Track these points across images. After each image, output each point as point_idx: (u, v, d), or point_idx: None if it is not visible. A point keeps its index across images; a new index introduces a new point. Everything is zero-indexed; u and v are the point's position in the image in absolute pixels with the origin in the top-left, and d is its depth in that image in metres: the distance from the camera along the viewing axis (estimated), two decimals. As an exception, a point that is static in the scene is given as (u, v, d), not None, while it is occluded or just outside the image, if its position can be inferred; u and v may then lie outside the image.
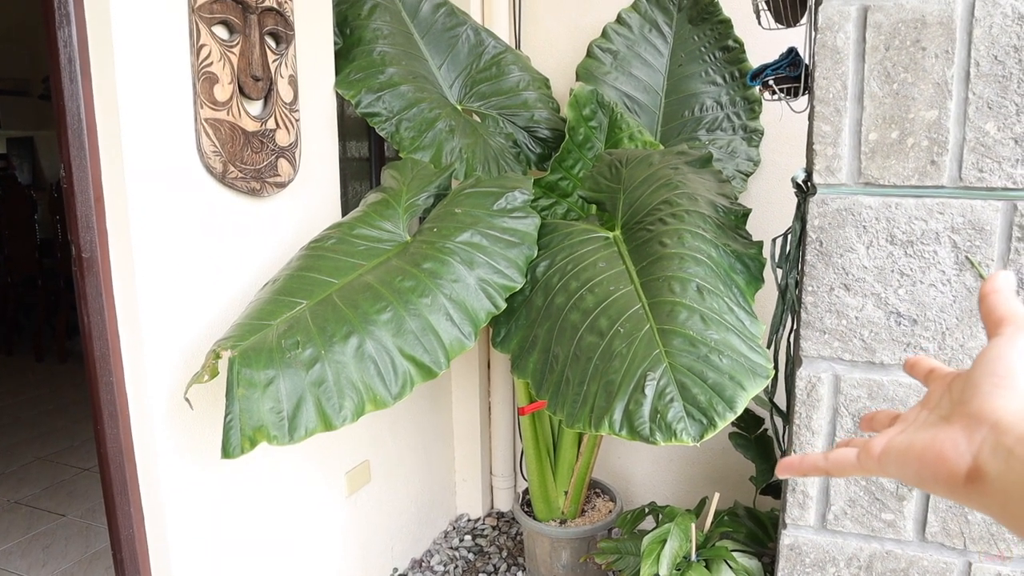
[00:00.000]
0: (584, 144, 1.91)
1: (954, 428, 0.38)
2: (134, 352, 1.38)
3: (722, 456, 2.37)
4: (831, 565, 1.27)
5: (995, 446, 0.35)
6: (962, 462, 0.37)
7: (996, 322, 0.42)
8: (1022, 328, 0.40)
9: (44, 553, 2.43)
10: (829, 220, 1.17)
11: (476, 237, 1.45)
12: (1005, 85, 1.06)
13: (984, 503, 0.36)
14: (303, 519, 1.82)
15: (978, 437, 0.36)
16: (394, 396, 1.26)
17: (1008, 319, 0.41)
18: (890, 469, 0.41)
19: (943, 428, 0.39)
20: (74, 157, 1.30)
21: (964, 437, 0.37)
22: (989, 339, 0.41)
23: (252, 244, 1.59)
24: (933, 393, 0.44)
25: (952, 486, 0.37)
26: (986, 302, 0.43)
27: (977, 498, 0.36)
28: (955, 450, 0.37)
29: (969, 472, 0.36)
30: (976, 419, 0.37)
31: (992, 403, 0.37)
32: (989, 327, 0.42)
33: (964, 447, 0.37)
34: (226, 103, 1.47)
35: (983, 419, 0.37)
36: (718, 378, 1.17)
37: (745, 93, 2.10)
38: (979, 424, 0.37)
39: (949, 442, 0.37)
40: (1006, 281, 0.44)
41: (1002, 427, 0.36)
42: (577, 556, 2.08)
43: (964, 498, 0.37)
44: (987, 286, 0.44)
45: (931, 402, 0.43)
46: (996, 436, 0.36)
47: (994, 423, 0.36)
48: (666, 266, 1.32)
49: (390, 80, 1.81)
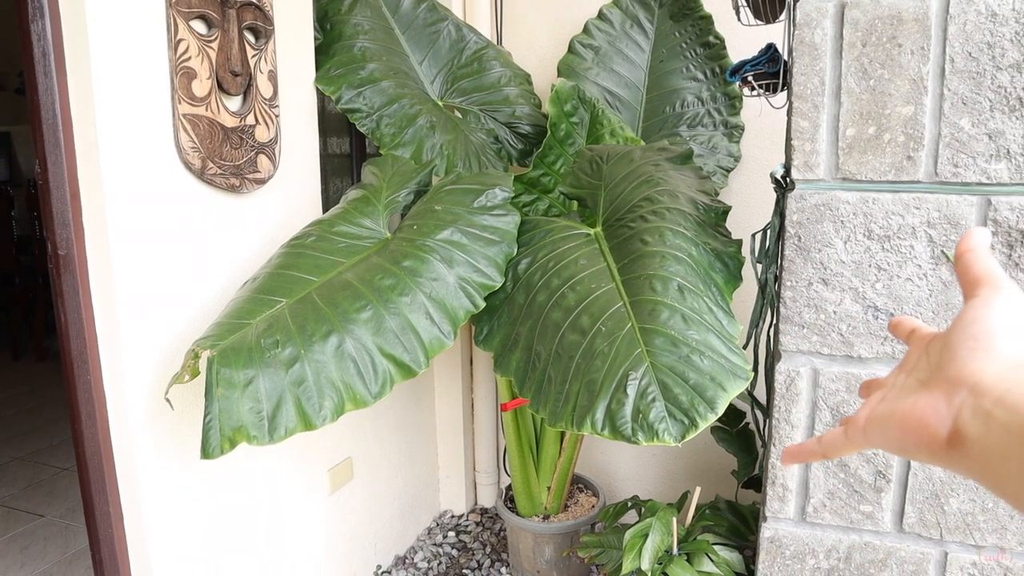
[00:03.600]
0: (565, 140, 1.91)
1: (933, 393, 0.38)
2: (112, 351, 1.37)
3: (704, 451, 2.38)
4: (811, 557, 1.28)
5: (974, 409, 0.35)
6: (942, 427, 0.36)
7: (972, 282, 0.41)
8: (998, 288, 0.40)
9: (22, 554, 2.41)
10: (807, 215, 1.18)
11: (456, 235, 1.45)
12: (979, 81, 1.07)
13: (966, 466, 0.36)
14: (285, 517, 1.81)
15: (957, 401, 0.36)
16: (374, 395, 1.26)
17: (983, 279, 0.41)
18: (875, 439, 0.41)
19: (923, 394, 0.39)
20: (49, 153, 1.29)
21: (944, 401, 0.37)
22: (965, 300, 0.41)
23: (232, 241, 1.58)
24: (911, 355, 0.44)
25: (934, 451, 0.37)
26: (961, 261, 0.42)
27: (960, 461, 0.36)
28: (935, 415, 0.37)
29: (950, 436, 0.36)
30: (955, 383, 0.37)
31: (970, 366, 0.37)
32: (965, 287, 0.42)
33: (944, 411, 0.37)
34: (205, 99, 1.45)
35: (961, 382, 0.37)
36: (699, 379, 1.17)
37: (726, 89, 2.11)
38: (958, 388, 0.37)
39: (929, 408, 0.37)
40: (981, 239, 0.43)
41: (980, 389, 0.36)
42: (560, 551, 2.09)
43: (946, 462, 0.37)
44: (962, 244, 0.43)
45: (909, 364, 0.43)
46: (975, 399, 0.36)
47: (972, 385, 0.36)
48: (647, 264, 1.32)
49: (371, 76, 1.80)
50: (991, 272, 0.41)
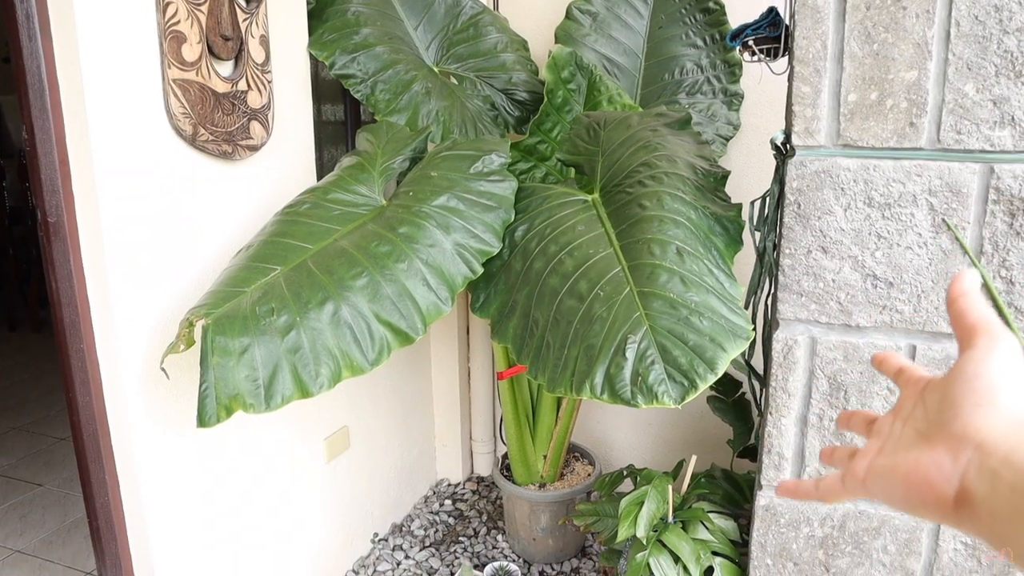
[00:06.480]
0: (563, 107, 1.88)
1: (937, 450, 0.37)
2: (104, 319, 1.35)
3: (700, 420, 2.39)
4: (805, 525, 1.29)
5: (980, 468, 0.35)
6: (949, 487, 0.36)
7: (967, 330, 0.41)
8: (995, 339, 0.39)
9: (22, 522, 2.42)
10: (807, 182, 1.17)
11: (452, 201, 1.43)
12: (985, 46, 1.05)
13: (974, 527, 0.35)
14: (282, 485, 1.82)
15: (963, 459, 0.36)
16: (371, 362, 1.25)
17: (979, 329, 0.40)
18: (876, 492, 0.40)
19: (925, 450, 0.38)
20: (36, 118, 1.26)
21: (949, 459, 0.36)
22: (961, 349, 0.40)
23: (225, 209, 1.56)
24: (905, 401, 0.43)
25: (941, 511, 0.36)
26: (955, 306, 0.42)
27: (967, 521, 0.35)
28: (941, 474, 0.36)
29: (957, 496, 0.36)
30: (960, 440, 0.36)
31: (975, 423, 0.36)
32: (960, 335, 0.41)
33: (950, 470, 0.36)
34: (195, 63, 1.43)
35: (967, 440, 0.36)
36: (699, 340, 1.17)
37: (725, 56, 2.08)
38: (963, 445, 0.36)
39: (934, 466, 0.37)
40: (972, 283, 0.42)
41: (987, 448, 0.35)
42: (556, 519, 2.10)
43: (954, 521, 0.36)
44: (955, 288, 0.42)
45: (904, 411, 0.42)
46: (981, 457, 0.35)
47: (979, 444, 0.36)
48: (646, 229, 1.31)
49: (365, 41, 1.77)
50: (986, 321, 0.40)
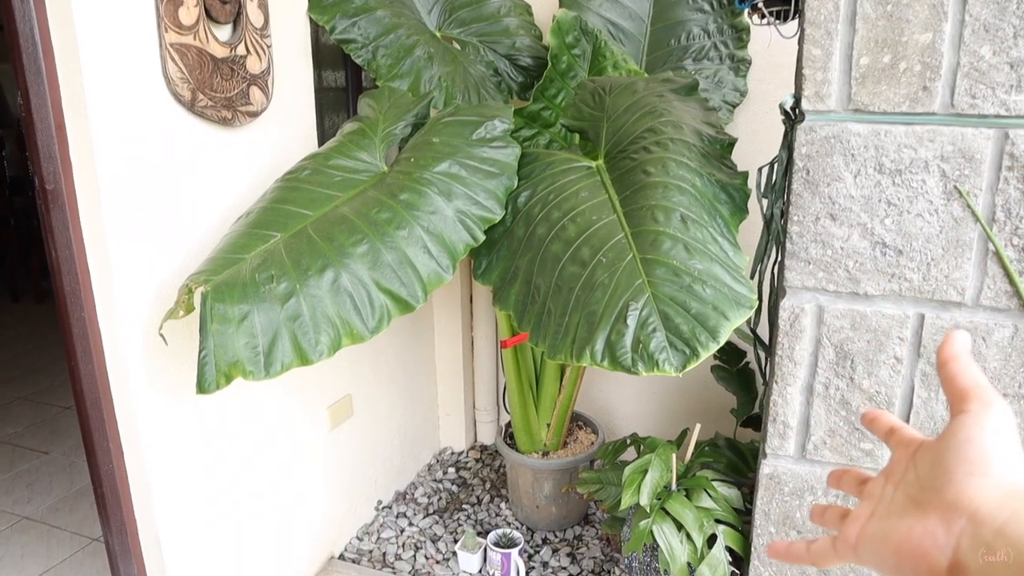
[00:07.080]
0: (567, 73, 1.85)
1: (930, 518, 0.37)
2: (104, 286, 1.34)
3: (704, 389, 2.39)
4: (809, 494, 1.29)
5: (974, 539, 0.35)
6: (942, 557, 0.36)
7: (959, 395, 0.40)
8: (988, 405, 0.39)
9: (28, 490, 2.44)
10: (817, 148, 1.14)
11: (454, 167, 1.41)
12: (1004, 6, 1.02)
13: None
14: (285, 452, 1.82)
15: (956, 529, 0.36)
16: (371, 330, 1.24)
17: (971, 393, 0.40)
18: (867, 559, 0.40)
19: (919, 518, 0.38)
20: (31, 83, 1.24)
21: (942, 529, 0.36)
22: (953, 413, 0.40)
23: (225, 175, 1.54)
24: (896, 464, 0.43)
25: None
26: (945, 369, 0.41)
27: None
28: (934, 544, 0.36)
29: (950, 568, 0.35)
30: (952, 509, 0.36)
31: (968, 492, 0.36)
32: (952, 399, 0.41)
33: (943, 540, 0.36)
34: (192, 27, 1.40)
35: (960, 509, 0.36)
36: (701, 308, 1.15)
37: (733, 21, 2.03)
38: (956, 515, 0.36)
39: (927, 535, 0.37)
40: (963, 345, 0.42)
41: (980, 518, 0.35)
42: (559, 487, 2.11)
43: None
44: (945, 351, 0.42)
45: (895, 474, 0.42)
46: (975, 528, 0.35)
47: (972, 514, 0.35)
48: (650, 195, 1.29)
49: (366, 5, 1.73)
50: (979, 385, 0.40)
